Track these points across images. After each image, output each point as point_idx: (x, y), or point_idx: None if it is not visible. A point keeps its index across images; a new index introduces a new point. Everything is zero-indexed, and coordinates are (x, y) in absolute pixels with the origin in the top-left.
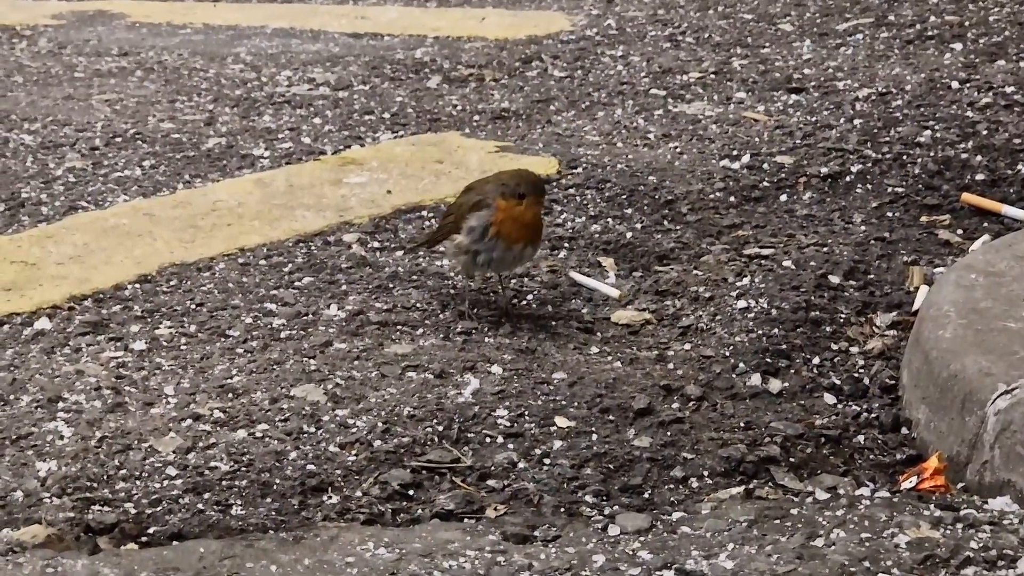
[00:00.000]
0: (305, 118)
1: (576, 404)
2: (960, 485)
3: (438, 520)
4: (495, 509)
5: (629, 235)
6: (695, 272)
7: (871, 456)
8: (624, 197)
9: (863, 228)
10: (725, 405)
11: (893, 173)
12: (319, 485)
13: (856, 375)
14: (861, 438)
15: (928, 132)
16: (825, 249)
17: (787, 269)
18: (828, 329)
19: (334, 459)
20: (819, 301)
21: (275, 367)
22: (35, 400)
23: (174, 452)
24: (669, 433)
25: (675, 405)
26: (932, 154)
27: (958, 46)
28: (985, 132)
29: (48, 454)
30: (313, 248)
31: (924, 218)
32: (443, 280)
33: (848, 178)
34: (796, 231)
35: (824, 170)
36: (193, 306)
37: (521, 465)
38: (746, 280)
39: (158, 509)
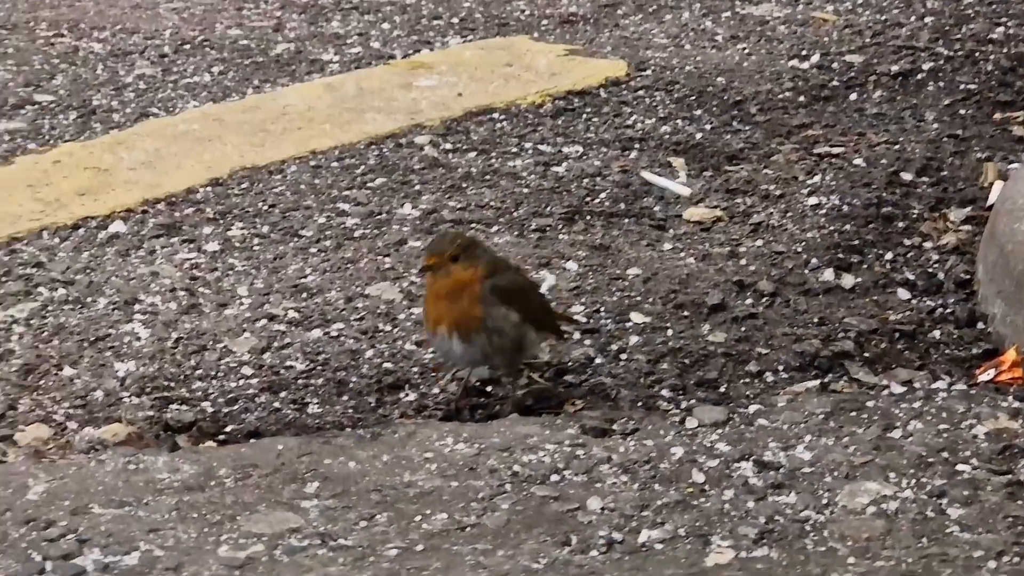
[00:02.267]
0: (373, 23)
1: (651, 300)
2: None
3: (516, 415)
4: (573, 404)
5: (699, 136)
6: (765, 171)
7: (946, 351)
8: (693, 98)
9: (935, 126)
10: (798, 301)
11: (965, 70)
12: (396, 383)
13: (930, 270)
14: (936, 333)
15: (1001, 29)
16: (896, 147)
17: (858, 167)
18: (900, 225)
19: (410, 357)
20: (891, 197)
21: (349, 266)
22: (112, 302)
23: (249, 352)
24: (743, 328)
25: (748, 301)
26: (1005, 51)
27: None
28: None
29: (126, 355)
30: (385, 150)
31: (997, 115)
32: (516, 180)
33: (919, 76)
34: (866, 130)
35: (894, 68)
36: (265, 208)
37: (598, 360)
38: (817, 178)
39: (235, 408)
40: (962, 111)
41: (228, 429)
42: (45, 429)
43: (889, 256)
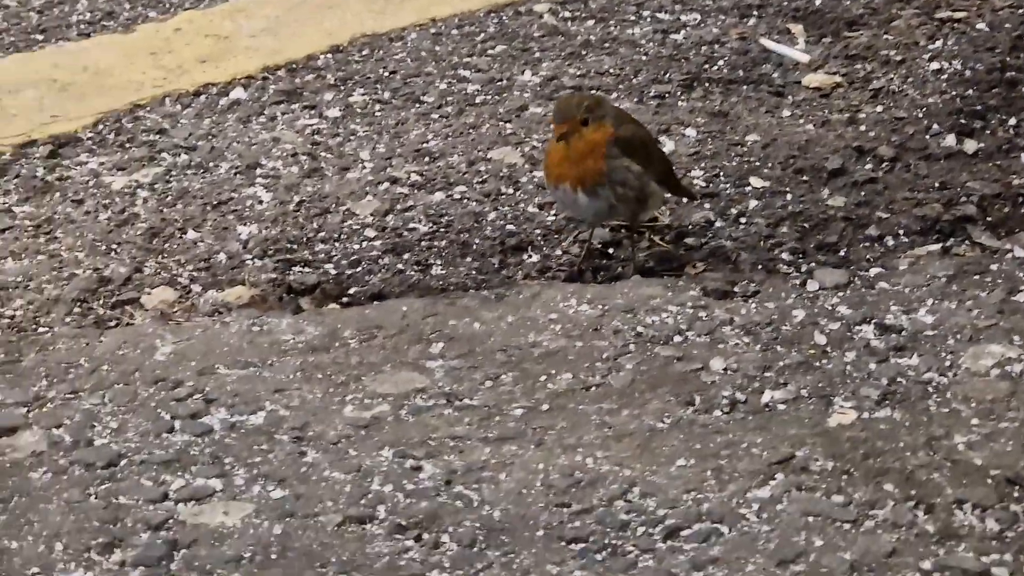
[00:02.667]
0: None
1: (770, 165)
2: None
3: (638, 277)
4: (693, 266)
5: (818, 2)
6: (885, 37)
7: None
8: None
9: None
10: (919, 166)
11: None
12: (519, 244)
13: None
14: None
15: None
16: (1021, 11)
17: (981, 32)
18: None
19: (533, 219)
20: (1015, 62)
21: (471, 131)
22: (234, 167)
23: (372, 215)
24: (863, 193)
25: (868, 166)
26: None
27: None
28: None
29: (248, 218)
30: (504, 18)
31: None
32: (634, 48)
33: None
34: None
35: None
36: (386, 74)
37: (718, 224)
38: (938, 43)
39: (358, 270)
40: None
41: (351, 291)
42: (170, 292)
43: (1013, 121)
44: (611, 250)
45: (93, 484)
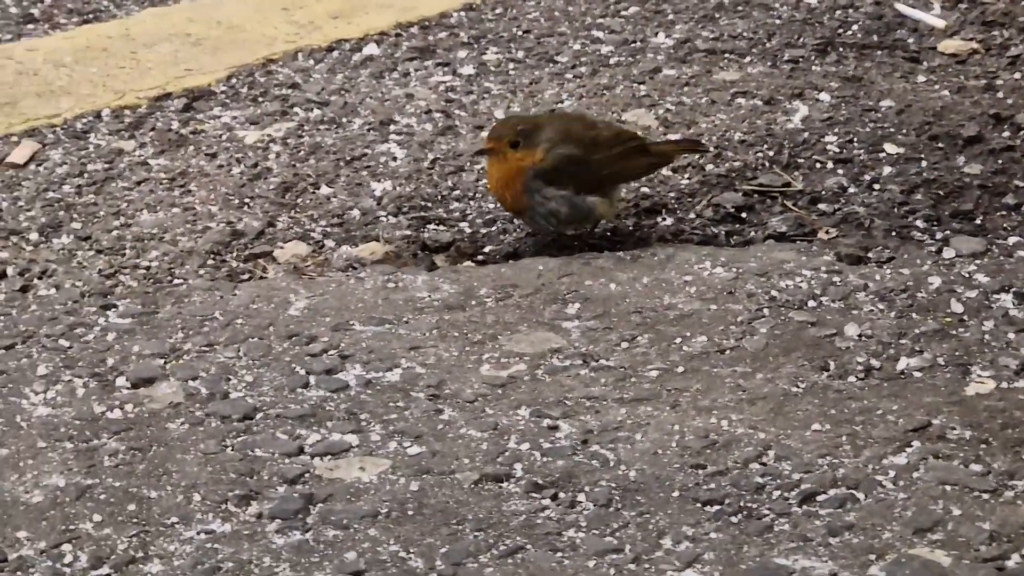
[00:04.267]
0: None
1: (904, 131)
2: None
3: (772, 241)
4: (826, 232)
5: None
6: (1023, 3)
7: None
8: None
9: None
10: None
11: None
12: (653, 207)
13: None
14: None
15: None
16: None
17: None
18: None
19: (667, 182)
20: None
21: (605, 92)
22: (367, 123)
23: None
24: (1000, 161)
25: (1005, 134)
26: None
27: None
28: None
29: (382, 175)
30: None
31: None
32: (768, 11)
33: None
34: None
35: None
36: (520, 33)
37: (851, 190)
38: None
39: (492, 229)
40: None
41: (486, 249)
42: (303, 246)
43: None
44: (743, 214)
45: (229, 436)
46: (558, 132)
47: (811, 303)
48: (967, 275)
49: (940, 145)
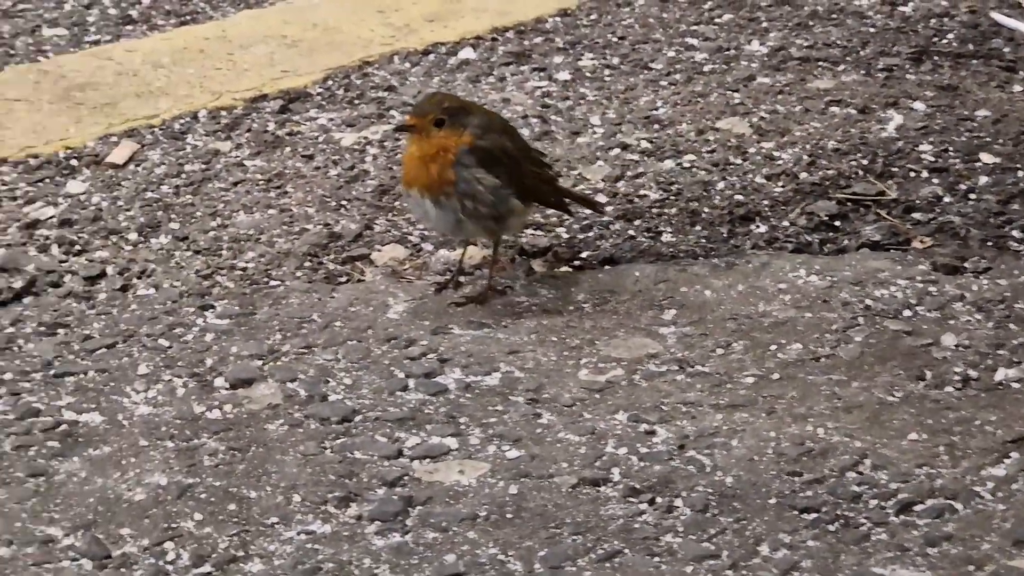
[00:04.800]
0: None
1: (1000, 141)
2: None
3: (866, 250)
4: (921, 241)
5: None
6: None
7: None
8: None
9: None
10: None
11: None
12: (747, 214)
13: None
14: None
15: None
16: None
17: None
18: None
19: (761, 190)
20: None
21: (699, 99)
22: None
23: (603, 180)
24: None
25: None
26: None
27: None
28: None
29: None
30: None
31: None
32: (862, 19)
33: None
34: None
35: None
36: (615, 39)
37: (946, 199)
38: None
39: (590, 234)
40: None
41: (583, 255)
42: (400, 250)
43: None
44: (837, 222)
45: (328, 438)
46: (485, 121)
47: (906, 312)
48: None
49: None
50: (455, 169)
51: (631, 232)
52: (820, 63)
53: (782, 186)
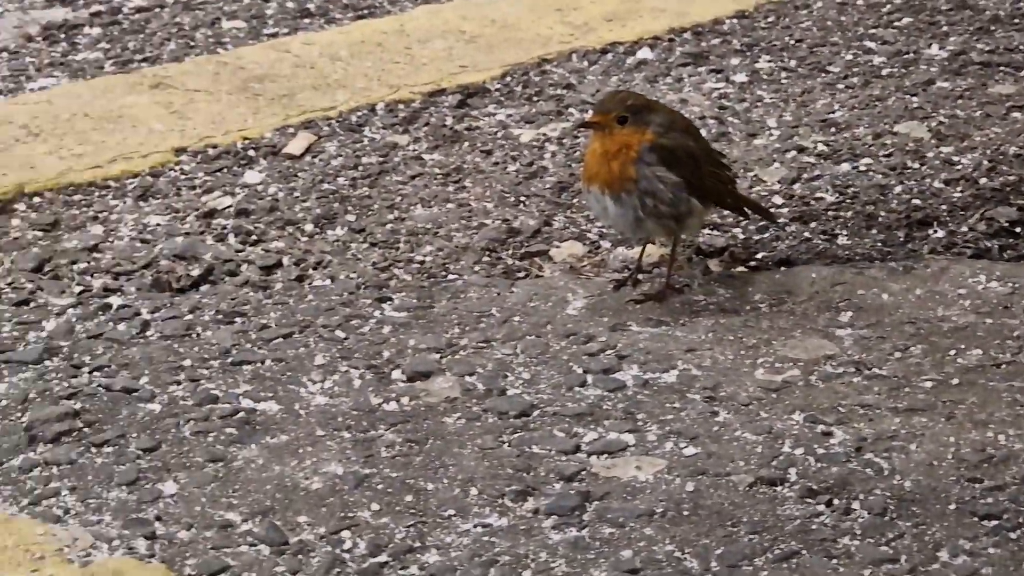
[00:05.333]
0: None
1: None
2: None
3: None
4: None
5: None
6: None
7: None
8: None
9: None
10: None
11: None
12: (924, 219)
13: None
14: None
15: None
16: None
17: None
18: None
19: (939, 195)
20: None
21: (877, 103)
22: None
23: (779, 182)
24: None
25: None
26: None
27: None
28: None
29: None
30: None
31: None
32: None
33: None
34: None
35: None
36: (792, 42)
37: None
38: None
39: (765, 235)
40: None
41: (759, 256)
42: (579, 246)
43: None
44: (1018, 228)
45: (506, 432)
46: (668, 119)
47: None
48: None
49: None
50: (636, 166)
51: (807, 234)
52: (1002, 68)
53: (961, 191)
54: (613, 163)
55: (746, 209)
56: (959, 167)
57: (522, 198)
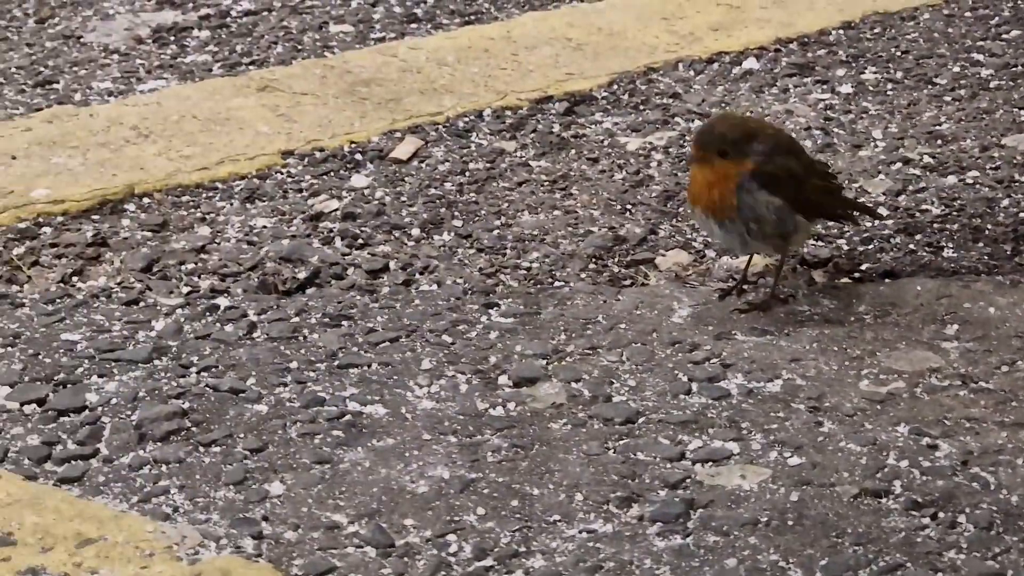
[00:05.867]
0: None
1: None
2: None
3: None
4: None
5: None
6: None
7: None
8: None
9: None
10: None
11: None
12: None
13: None
14: None
15: None
16: None
17: None
18: None
19: None
20: None
21: (984, 116)
22: None
23: (884, 194)
24: None
25: None
26: None
27: None
28: None
29: None
30: (1020, 2)
31: None
32: None
33: None
34: None
35: None
36: (898, 53)
37: None
38: None
39: (870, 247)
40: None
41: (863, 267)
42: (684, 255)
43: None
44: None
45: (611, 439)
46: (771, 144)
47: None
48: None
49: None
50: (738, 195)
51: (911, 246)
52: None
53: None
54: (714, 191)
55: (854, 213)
56: None
57: (628, 206)
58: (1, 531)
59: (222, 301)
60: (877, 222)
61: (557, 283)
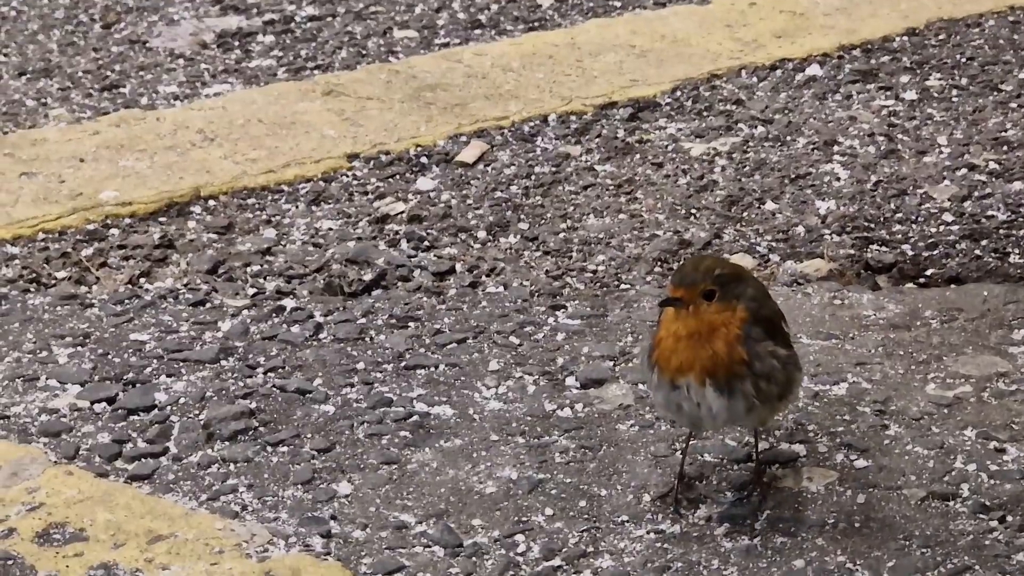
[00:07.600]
0: None
1: None
2: None
3: None
4: None
5: None
6: None
7: None
8: None
9: None
10: None
11: None
12: None
13: None
14: None
15: None
16: None
17: None
18: None
19: None
20: None
21: None
22: (811, 142)
23: (949, 199)
24: None
25: None
26: None
27: None
28: None
29: (826, 194)
30: None
31: None
32: None
33: None
34: None
35: None
36: (963, 60)
37: None
38: None
39: (935, 252)
40: None
41: (928, 272)
42: (749, 259)
43: None
44: None
45: (678, 440)
46: (758, 288)
47: None
48: None
49: None
50: (746, 346)
51: (977, 252)
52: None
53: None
54: (716, 344)
55: None
56: None
57: (692, 210)
58: (74, 527)
59: (288, 303)
60: (943, 228)
61: (623, 286)
